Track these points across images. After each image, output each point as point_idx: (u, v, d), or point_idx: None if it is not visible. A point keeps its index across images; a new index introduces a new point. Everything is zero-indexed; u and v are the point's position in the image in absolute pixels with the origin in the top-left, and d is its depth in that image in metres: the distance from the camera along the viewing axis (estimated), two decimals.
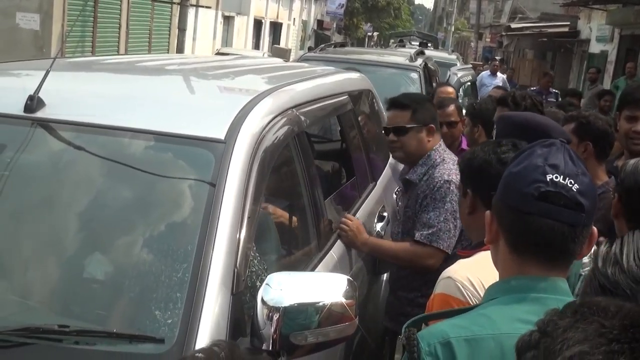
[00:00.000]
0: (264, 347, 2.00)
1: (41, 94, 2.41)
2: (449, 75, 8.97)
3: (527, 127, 2.47)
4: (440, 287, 2.03)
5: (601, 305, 0.90)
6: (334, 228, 3.22)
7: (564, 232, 1.50)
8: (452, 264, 2.15)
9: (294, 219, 3.07)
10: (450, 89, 6.11)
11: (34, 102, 2.38)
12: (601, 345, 0.82)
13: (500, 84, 14.72)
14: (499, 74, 16.56)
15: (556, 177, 1.50)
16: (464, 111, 5.03)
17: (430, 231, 3.18)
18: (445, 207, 3.20)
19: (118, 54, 14.28)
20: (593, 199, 1.55)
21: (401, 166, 4.73)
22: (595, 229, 1.58)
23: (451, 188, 3.22)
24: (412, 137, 3.44)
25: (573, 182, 1.51)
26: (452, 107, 4.83)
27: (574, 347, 0.83)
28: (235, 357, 1.00)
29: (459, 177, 3.22)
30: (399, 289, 3.29)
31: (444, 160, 3.38)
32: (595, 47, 22.73)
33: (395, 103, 3.58)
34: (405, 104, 3.54)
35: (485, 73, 16.91)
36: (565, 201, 1.50)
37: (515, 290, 1.53)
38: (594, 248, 1.18)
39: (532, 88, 13.53)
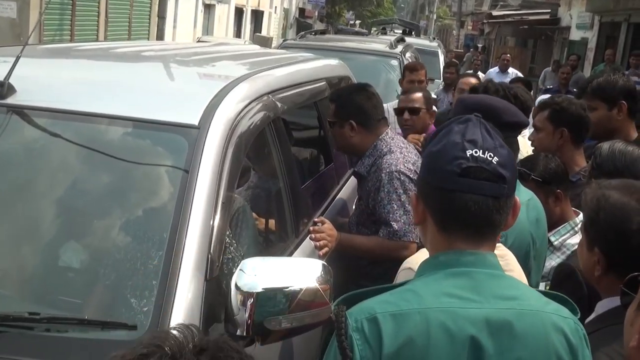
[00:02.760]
0: (238, 332, 1.99)
1: (12, 80, 2.37)
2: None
3: (480, 110, 2.47)
4: (401, 278, 2.03)
5: None
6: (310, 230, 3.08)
7: (488, 205, 1.53)
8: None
9: (271, 204, 3.06)
10: (473, 79, 5.75)
11: (4, 89, 2.35)
12: None
13: None
14: (510, 69, 13.15)
15: (475, 152, 1.53)
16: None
17: (394, 228, 3.12)
18: (401, 200, 3.13)
19: (97, 42, 14.15)
20: (513, 169, 1.58)
21: None
22: (517, 198, 1.61)
23: (401, 178, 3.16)
24: (336, 132, 3.46)
25: (492, 155, 1.54)
26: (417, 95, 4.77)
27: None
28: (219, 343, 0.98)
29: (407, 165, 3.20)
30: (360, 278, 3.25)
31: (390, 150, 3.29)
32: (575, 35, 22.85)
33: (329, 96, 3.62)
34: (331, 98, 3.55)
35: (494, 70, 13.63)
36: (487, 175, 1.52)
37: (443, 266, 1.55)
38: None
39: (549, 87, 12.41)
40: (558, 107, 3.40)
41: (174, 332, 0.96)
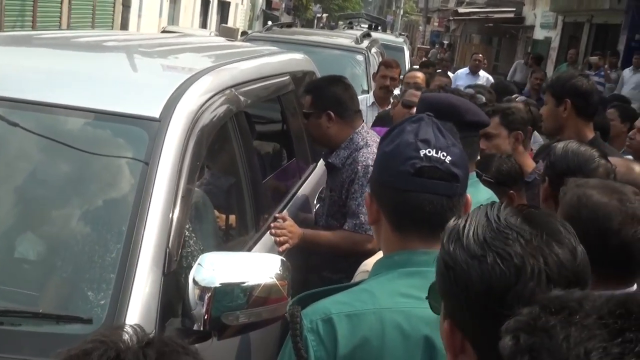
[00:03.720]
0: (195, 327, 1.99)
1: None
2: None
3: (442, 108, 2.48)
4: (358, 280, 2.04)
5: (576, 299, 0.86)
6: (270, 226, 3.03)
7: (442, 204, 1.55)
8: None
9: (231, 199, 3.05)
10: (419, 74, 5.97)
11: None
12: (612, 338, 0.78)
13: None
14: (482, 72, 11.28)
15: (429, 152, 1.55)
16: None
17: (361, 220, 3.13)
18: None
19: (59, 30, 13.91)
20: (465, 167, 1.61)
21: None
22: (469, 196, 1.63)
23: None
24: (312, 123, 3.46)
25: (445, 155, 1.56)
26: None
27: (581, 344, 0.78)
28: (164, 339, 0.98)
29: None
30: (324, 270, 3.25)
31: (367, 143, 3.30)
32: (539, 34, 23.12)
33: (304, 87, 3.64)
34: (307, 89, 3.57)
35: (463, 71, 11.75)
36: (441, 174, 1.55)
37: (397, 265, 1.56)
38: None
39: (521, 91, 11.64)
40: (509, 111, 3.60)
41: (121, 330, 0.96)
